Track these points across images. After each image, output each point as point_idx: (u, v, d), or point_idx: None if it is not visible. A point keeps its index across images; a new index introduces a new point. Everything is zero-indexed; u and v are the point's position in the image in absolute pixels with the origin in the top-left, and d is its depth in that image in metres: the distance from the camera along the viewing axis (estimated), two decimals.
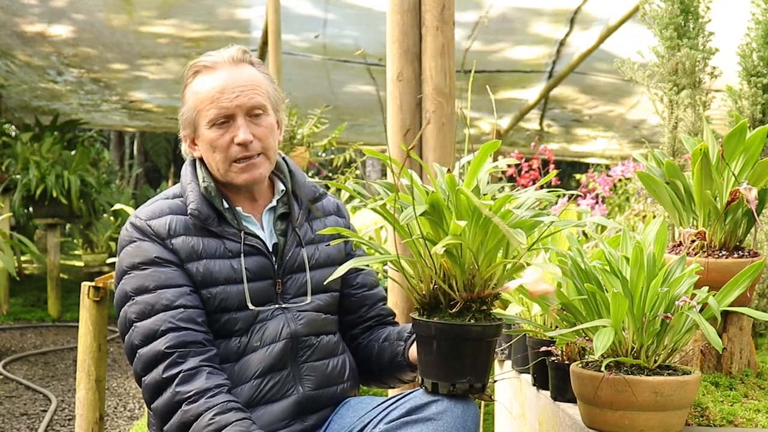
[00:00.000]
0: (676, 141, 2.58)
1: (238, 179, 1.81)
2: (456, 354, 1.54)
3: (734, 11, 3.36)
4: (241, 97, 1.79)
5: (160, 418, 1.68)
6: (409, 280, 1.60)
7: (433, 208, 1.51)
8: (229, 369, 1.75)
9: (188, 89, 1.84)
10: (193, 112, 1.82)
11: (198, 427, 1.61)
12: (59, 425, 3.98)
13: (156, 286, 1.72)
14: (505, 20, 6.43)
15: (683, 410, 1.54)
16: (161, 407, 1.66)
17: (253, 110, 1.80)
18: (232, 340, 1.76)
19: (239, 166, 1.80)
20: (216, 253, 1.78)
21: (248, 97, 1.79)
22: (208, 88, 1.80)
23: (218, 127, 1.79)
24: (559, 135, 9.94)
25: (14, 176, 7.25)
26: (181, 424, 1.64)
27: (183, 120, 1.86)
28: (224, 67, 1.81)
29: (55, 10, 6.46)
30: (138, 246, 1.76)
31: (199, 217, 1.78)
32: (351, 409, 1.81)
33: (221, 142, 1.79)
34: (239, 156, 1.79)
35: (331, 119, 4.75)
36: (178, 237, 1.77)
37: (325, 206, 1.98)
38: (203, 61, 1.84)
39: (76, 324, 6.49)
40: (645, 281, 1.54)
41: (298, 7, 6.36)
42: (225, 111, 1.78)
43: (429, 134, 3.01)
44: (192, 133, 1.85)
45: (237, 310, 1.77)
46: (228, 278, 1.77)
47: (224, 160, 1.80)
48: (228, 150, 1.79)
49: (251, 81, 1.81)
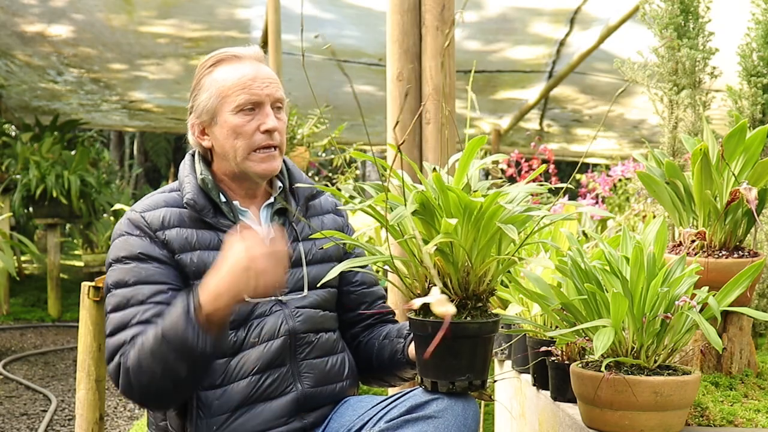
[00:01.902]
0: (676, 141, 2.58)
1: (256, 168, 1.82)
2: (454, 352, 1.54)
3: (734, 11, 3.36)
4: (270, 87, 1.83)
5: (126, 393, 1.69)
6: (403, 279, 1.60)
7: (424, 207, 1.51)
8: (225, 364, 1.75)
9: (208, 77, 1.85)
10: (217, 98, 1.82)
11: (138, 363, 1.63)
12: (59, 425, 3.98)
13: (135, 281, 1.73)
14: (505, 20, 6.43)
15: (683, 410, 1.54)
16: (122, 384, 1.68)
17: (278, 103, 1.85)
18: (227, 333, 1.76)
19: (260, 156, 1.82)
20: (210, 245, 1.79)
21: (275, 89, 1.84)
22: (238, 75, 1.82)
23: (245, 113, 1.81)
24: (559, 135, 9.94)
25: (14, 176, 7.25)
26: (132, 377, 1.65)
27: (199, 107, 1.85)
28: (251, 60, 1.86)
29: (54, 10, 6.46)
30: (125, 240, 1.77)
31: (195, 207, 1.79)
32: (350, 408, 1.81)
33: (247, 129, 1.81)
34: (263, 144, 1.81)
35: (331, 119, 4.75)
36: (172, 229, 1.77)
37: (323, 204, 1.99)
38: (227, 51, 1.87)
39: (76, 324, 6.49)
40: (645, 281, 1.54)
41: (298, 7, 6.36)
42: (256, 98, 1.81)
43: (429, 134, 3.01)
44: (208, 121, 1.84)
45: None
46: None
47: (246, 147, 1.81)
48: (252, 137, 1.81)
49: (274, 77, 1.87)
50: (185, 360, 1.59)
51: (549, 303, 1.67)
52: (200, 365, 1.62)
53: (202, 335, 1.58)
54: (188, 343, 1.57)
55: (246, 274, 1.57)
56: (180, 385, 1.65)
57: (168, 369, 1.61)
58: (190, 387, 1.68)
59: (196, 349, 1.58)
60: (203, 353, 1.59)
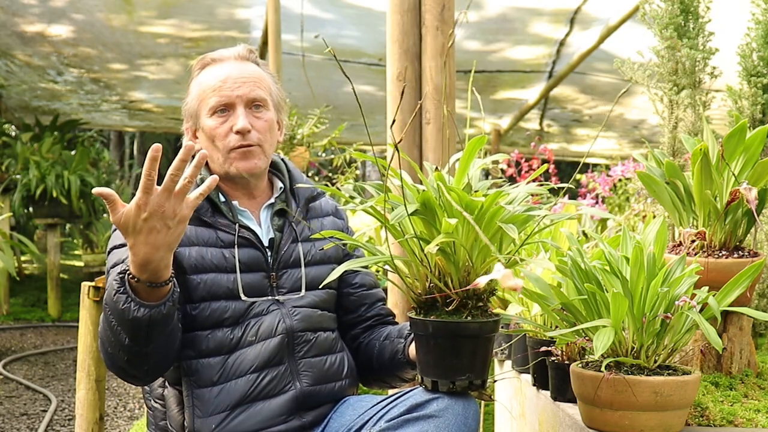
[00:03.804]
0: (676, 141, 2.58)
1: (236, 167, 1.83)
2: (454, 351, 1.54)
3: (734, 11, 3.36)
4: (243, 88, 1.83)
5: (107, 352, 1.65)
6: (404, 279, 1.60)
7: (425, 206, 1.51)
8: (222, 361, 1.75)
9: (194, 81, 1.90)
10: (197, 101, 1.86)
11: (100, 335, 1.61)
12: (59, 425, 3.98)
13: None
14: (505, 20, 6.43)
15: (683, 410, 1.54)
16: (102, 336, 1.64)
17: (254, 102, 1.84)
18: (222, 330, 1.76)
19: (237, 153, 1.83)
20: (208, 242, 1.80)
21: (249, 89, 1.84)
22: (213, 78, 1.85)
23: (218, 115, 1.83)
24: (559, 135, 9.94)
25: (14, 176, 7.26)
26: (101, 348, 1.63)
27: (186, 111, 1.90)
28: (230, 61, 1.88)
29: (54, 10, 6.46)
30: None
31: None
32: (350, 407, 1.81)
33: (220, 131, 1.82)
34: (236, 145, 1.82)
35: (331, 119, 4.75)
36: None
37: (323, 206, 2.00)
38: (211, 55, 1.90)
39: (76, 324, 6.49)
40: (645, 281, 1.54)
41: (298, 7, 6.36)
42: (226, 99, 1.82)
43: (429, 134, 3.01)
44: (194, 125, 1.89)
45: (227, 299, 1.77)
46: (219, 266, 1.78)
47: (223, 149, 1.83)
48: (226, 138, 1.82)
49: (254, 75, 1.86)
50: (124, 327, 1.54)
51: (549, 303, 1.67)
52: (141, 333, 1.55)
53: (136, 300, 1.52)
54: (119, 308, 1.52)
55: (147, 224, 1.47)
56: (132, 355, 1.58)
57: (115, 338, 1.57)
58: (146, 357, 1.60)
59: (127, 316, 1.52)
60: (135, 319, 1.52)
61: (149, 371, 1.67)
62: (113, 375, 5.35)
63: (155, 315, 1.54)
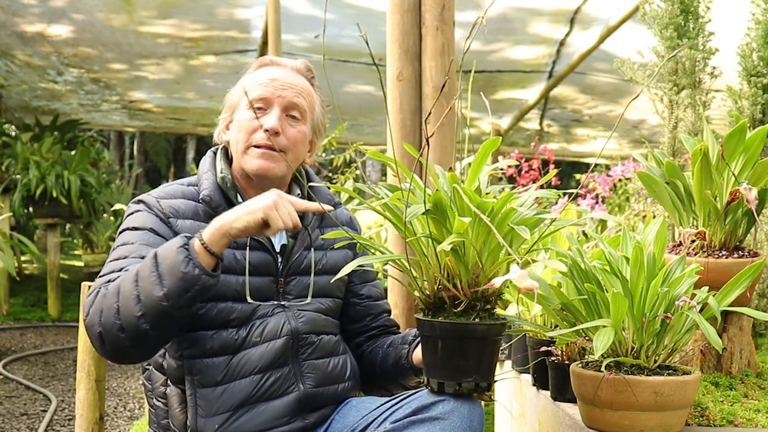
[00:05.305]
0: (676, 141, 2.58)
1: (251, 163, 1.83)
2: (461, 353, 1.54)
3: (734, 11, 3.36)
4: (287, 92, 1.85)
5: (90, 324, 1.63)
6: (413, 280, 1.61)
7: (437, 207, 1.52)
8: (227, 361, 1.75)
9: (246, 76, 1.92)
10: (240, 94, 1.87)
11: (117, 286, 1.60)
12: (59, 425, 3.98)
13: (141, 244, 1.72)
14: (504, 20, 6.43)
15: (683, 410, 1.54)
16: (91, 309, 1.62)
17: (291, 109, 1.85)
18: (228, 331, 1.76)
19: (257, 151, 1.82)
20: None
21: (292, 95, 1.85)
22: (263, 75, 1.87)
23: (254, 110, 1.83)
24: (559, 135, 9.94)
25: (14, 176, 7.26)
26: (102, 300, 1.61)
27: (226, 102, 1.92)
28: (286, 69, 1.90)
29: (54, 10, 6.46)
30: (141, 214, 1.78)
31: (210, 203, 1.81)
32: (353, 409, 1.81)
33: (252, 124, 1.83)
34: (261, 142, 1.82)
35: (331, 119, 4.75)
36: (186, 220, 1.79)
37: (338, 216, 1.99)
38: (271, 57, 1.94)
39: (76, 324, 6.50)
40: (645, 281, 1.54)
41: (298, 7, 6.36)
42: (267, 94, 1.83)
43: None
44: (230, 116, 1.90)
45: (234, 301, 1.77)
46: (230, 267, 1.77)
47: (245, 141, 1.83)
48: (253, 133, 1.83)
49: (302, 87, 1.89)
50: (171, 284, 1.55)
51: (549, 303, 1.67)
52: (185, 295, 1.56)
53: (195, 259, 1.55)
54: (176, 264, 1.54)
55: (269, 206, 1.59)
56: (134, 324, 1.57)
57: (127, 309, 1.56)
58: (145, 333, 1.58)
59: (183, 271, 1.54)
60: (188, 277, 1.54)
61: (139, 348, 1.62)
62: (113, 375, 5.33)
63: (205, 281, 1.57)
